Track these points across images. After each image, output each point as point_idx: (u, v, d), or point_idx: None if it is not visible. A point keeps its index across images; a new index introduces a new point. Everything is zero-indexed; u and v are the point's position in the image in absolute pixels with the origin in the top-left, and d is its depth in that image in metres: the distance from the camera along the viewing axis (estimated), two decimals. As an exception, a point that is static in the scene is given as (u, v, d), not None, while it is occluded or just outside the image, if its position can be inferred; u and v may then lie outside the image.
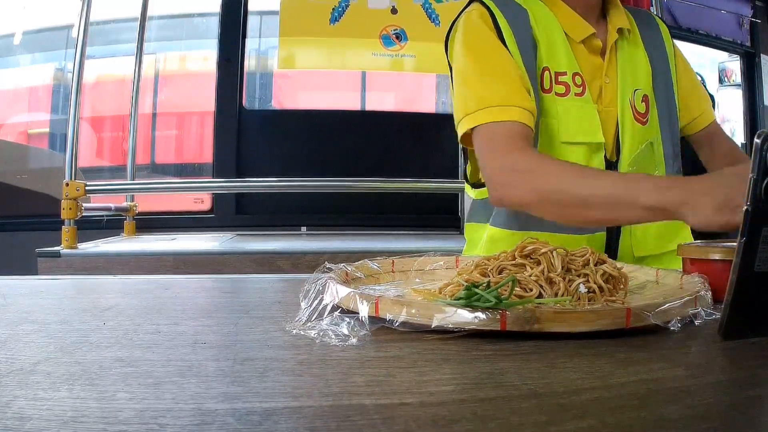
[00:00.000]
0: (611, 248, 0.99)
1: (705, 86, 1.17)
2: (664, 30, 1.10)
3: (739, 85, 3.73)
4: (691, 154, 1.14)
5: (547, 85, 0.97)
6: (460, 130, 0.96)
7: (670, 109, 1.06)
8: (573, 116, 0.96)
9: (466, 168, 1.13)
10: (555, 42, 0.98)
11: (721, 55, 3.81)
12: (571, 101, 0.97)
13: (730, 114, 3.77)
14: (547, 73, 0.97)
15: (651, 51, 1.05)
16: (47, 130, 3.14)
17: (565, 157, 0.95)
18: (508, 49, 0.95)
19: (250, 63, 3.10)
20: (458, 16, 1.03)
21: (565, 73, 0.97)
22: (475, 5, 1.00)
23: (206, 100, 3.01)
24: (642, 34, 1.06)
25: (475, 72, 0.96)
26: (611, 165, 0.99)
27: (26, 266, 1.98)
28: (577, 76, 0.97)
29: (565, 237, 0.95)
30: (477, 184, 1.09)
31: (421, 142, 3.07)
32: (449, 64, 1.05)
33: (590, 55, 1.00)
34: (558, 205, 0.85)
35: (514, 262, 0.61)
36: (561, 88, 0.97)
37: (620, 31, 1.01)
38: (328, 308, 0.55)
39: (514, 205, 0.94)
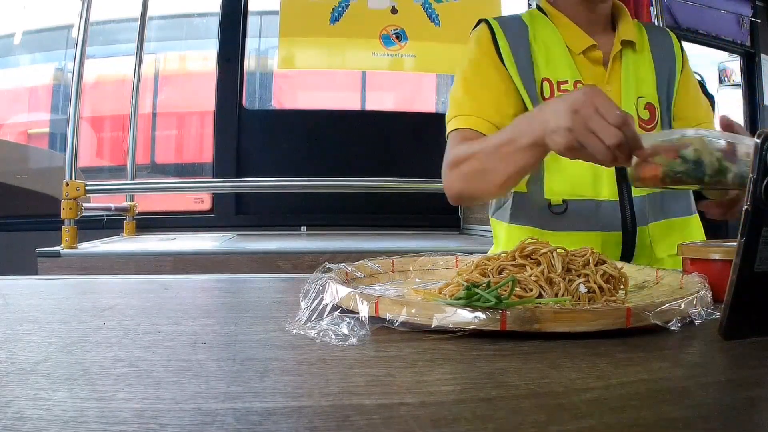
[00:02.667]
0: (627, 247, 1.01)
1: (704, 86, 1.19)
2: (677, 45, 1.14)
3: (739, 85, 3.73)
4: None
5: (547, 94, 1.03)
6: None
7: (669, 118, 1.09)
8: None
9: None
10: (555, 54, 1.05)
11: (721, 55, 3.81)
12: None
13: (729, 114, 3.76)
14: (546, 83, 1.03)
15: (659, 62, 1.09)
16: (47, 130, 3.14)
17: (570, 165, 0.96)
18: (504, 64, 1.03)
19: (250, 63, 3.10)
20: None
21: (566, 82, 1.03)
22: (481, 24, 1.09)
23: (206, 100, 3.01)
24: (652, 44, 1.10)
25: (465, 83, 1.05)
26: (620, 170, 1.00)
27: (26, 266, 1.98)
28: (579, 84, 1.03)
29: (581, 235, 0.99)
30: None
31: (421, 142, 3.06)
32: None
33: (592, 64, 1.06)
34: (475, 179, 0.94)
35: (514, 262, 0.61)
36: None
37: (624, 42, 1.06)
38: (328, 308, 0.55)
39: (463, 200, 1.04)
